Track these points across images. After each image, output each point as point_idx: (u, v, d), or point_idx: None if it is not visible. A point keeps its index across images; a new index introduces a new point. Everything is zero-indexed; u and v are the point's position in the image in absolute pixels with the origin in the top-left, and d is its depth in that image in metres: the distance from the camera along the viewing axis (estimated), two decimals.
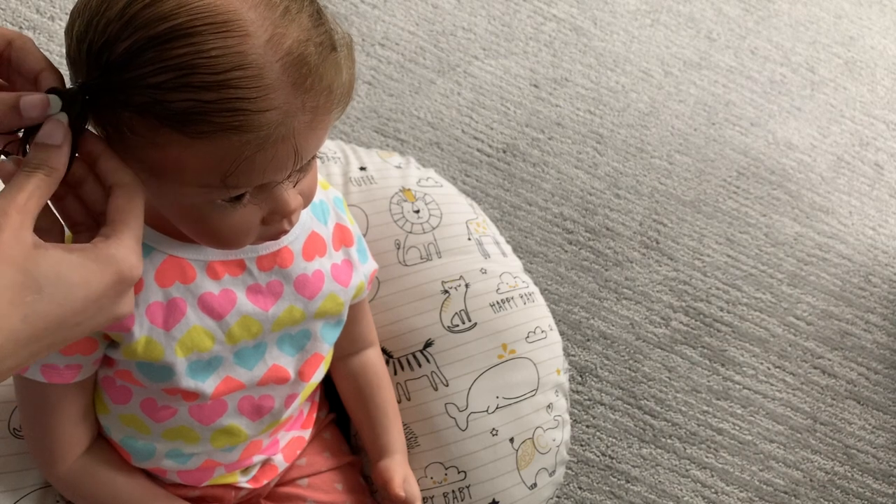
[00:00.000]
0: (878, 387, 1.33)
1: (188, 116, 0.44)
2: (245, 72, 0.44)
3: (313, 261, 0.67)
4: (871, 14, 1.82)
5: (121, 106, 0.45)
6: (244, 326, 0.63)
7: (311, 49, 0.47)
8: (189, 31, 0.43)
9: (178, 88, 0.44)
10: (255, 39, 0.45)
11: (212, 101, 0.44)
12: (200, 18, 0.44)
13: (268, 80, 0.45)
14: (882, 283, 1.45)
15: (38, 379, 0.59)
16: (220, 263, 0.61)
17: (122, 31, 0.44)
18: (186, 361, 0.61)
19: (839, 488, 1.24)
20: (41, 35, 1.26)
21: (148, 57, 0.44)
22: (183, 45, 0.43)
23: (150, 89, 0.44)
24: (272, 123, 0.46)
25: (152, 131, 0.45)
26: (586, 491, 1.14)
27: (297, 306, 0.66)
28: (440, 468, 0.80)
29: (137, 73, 0.44)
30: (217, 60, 0.44)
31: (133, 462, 0.68)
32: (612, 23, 1.61)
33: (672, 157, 1.48)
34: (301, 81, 0.47)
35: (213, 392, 0.63)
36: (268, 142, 0.47)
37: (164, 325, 0.60)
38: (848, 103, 1.66)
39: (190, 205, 0.52)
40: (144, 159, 0.47)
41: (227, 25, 0.44)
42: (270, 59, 0.45)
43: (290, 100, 0.47)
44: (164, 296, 0.60)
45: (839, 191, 1.54)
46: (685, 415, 1.23)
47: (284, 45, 0.46)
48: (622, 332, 1.27)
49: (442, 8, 1.51)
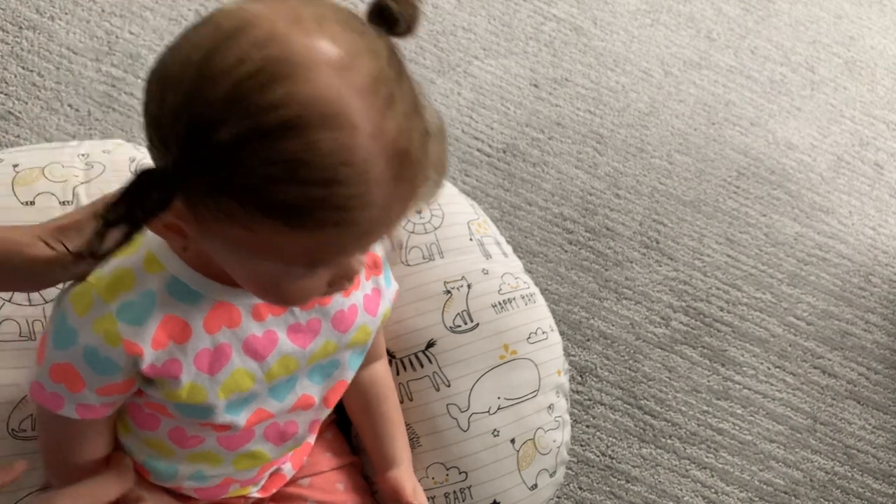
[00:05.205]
0: (878, 387, 1.34)
1: (293, 210, 0.42)
2: (352, 168, 0.42)
3: (350, 296, 0.66)
4: (871, 14, 1.82)
5: (217, 190, 0.42)
6: (283, 365, 0.63)
7: (413, 140, 0.45)
8: (300, 125, 0.41)
9: (286, 182, 0.41)
10: (362, 132, 0.42)
11: (319, 198, 0.42)
12: (311, 109, 0.41)
13: (372, 175, 0.43)
14: (882, 283, 1.45)
15: (72, 417, 0.58)
16: (264, 305, 0.61)
17: (227, 115, 0.41)
18: (226, 402, 0.61)
19: (839, 488, 1.24)
20: (41, 35, 1.26)
21: (256, 148, 0.41)
22: (293, 138, 0.41)
23: (255, 180, 0.41)
24: (373, 219, 0.45)
25: (247, 217, 0.43)
26: (586, 491, 1.14)
27: (331, 340, 0.65)
28: (441, 469, 0.80)
29: (243, 163, 0.41)
30: (327, 156, 0.41)
31: (152, 480, 0.69)
32: (612, 22, 1.61)
33: (672, 157, 1.48)
34: (402, 174, 0.45)
35: (245, 424, 0.63)
36: (365, 233, 0.46)
37: (209, 370, 0.59)
38: (848, 103, 1.66)
39: (262, 272, 0.50)
40: (228, 236, 0.46)
41: (337, 119, 0.41)
42: (375, 153, 0.43)
43: (391, 192, 0.45)
44: (211, 342, 0.59)
45: (839, 191, 1.54)
46: (685, 415, 1.23)
47: (388, 138, 0.43)
48: (622, 332, 1.27)
49: (442, 8, 1.51)
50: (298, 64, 0.41)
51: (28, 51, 1.24)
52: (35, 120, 1.19)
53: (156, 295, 0.56)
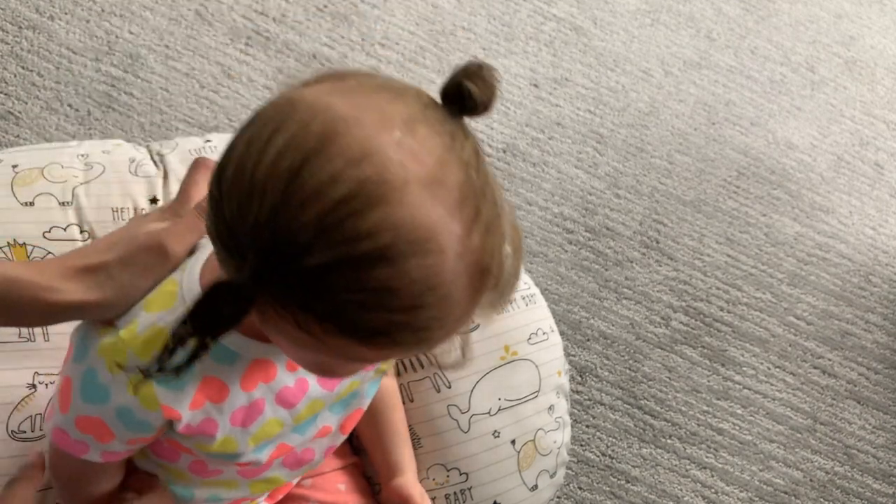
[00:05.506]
0: (878, 387, 1.34)
1: (371, 333, 0.41)
2: (437, 292, 0.41)
3: None
4: (871, 13, 1.82)
5: (294, 304, 0.40)
6: (311, 408, 0.62)
7: (494, 255, 0.43)
8: (391, 254, 0.39)
9: (370, 309, 0.40)
10: (449, 254, 0.41)
11: (401, 322, 0.41)
12: (404, 237, 0.39)
13: (455, 295, 0.42)
14: (882, 282, 1.45)
15: (96, 461, 0.57)
16: None
17: (316, 241, 0.38)
18: (255, 447, 0.60)
19: (839, 488, 1.24)
20: (41, 35, 1.25)
21: (343, 275, 0.39)
22: (383, 267, 0.39)
23: (337, 304, 0.40)
24: (447, 334, 0.44)
25: (321, 331, 0.41)
26: (586, 491, 1.14)
27: (356, 379, 0.65)
28: (442, 470, 0.80)
29: (328, 288, 0.39)
30: (415, 283, 0.40)
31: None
32: (613, 22, 1.61)
33: (672, 157, 1.48)
34: (479, 289, 0.44)
35: (267, 459, 0.63)
36: (434, 343, 0.45)
37: (242, 423, 0.58)
38: (848, 103, 1.66)
39: (318, 360, 0.49)
40: (290, 334, 0.43)
41: (427, 244, 0.40)
42: (459, 273, 0.41)
43: (468, 307, 0.44)
44: (247, 399, 0.58)
45: (839, 190, 1.54)
46: (685, 415, 1.23)
47: (473, 257, 0.42)
48: (622, 332, 1.27)
49: (442, 7, 1.51)
50: (392, 185, 0.39)
51: (28, 50, 1.24)
52: (35, 120, 1.19)
53: None
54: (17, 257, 0.73)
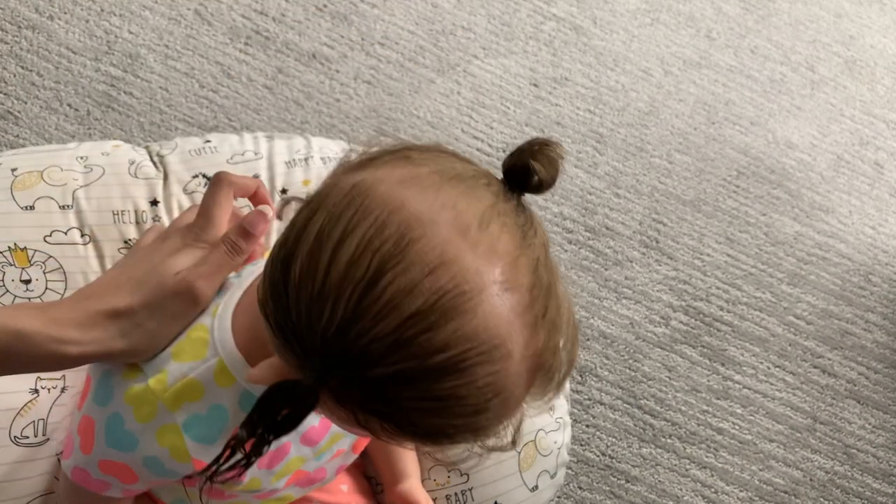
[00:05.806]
0: (878, 386, 1.34)
1: (433, 433, 0.41)
2: (500, 396, 0.40)
3: None
4: (870, 13, 1.82)
5: (358, 405, 0.40)
6: (331, 441, 0.62)
7: (555, 350, 0.43)
8: (462, 366, 0.38)
9: (435, 415, 0.40)
10: (514, 358, 0.40)
11: (462, 425, 0.41)
12: (476, 348, 0.38)
13: (516, 395, 0.42)
14: (882, 282, 1.45)
15: (116, 496, 0.57)
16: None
17: (391, 353, 0.38)
18: (276, 481, 0.60)
19: (839, 488, 1.24)
20: (40, 35, 1.25)
21: (412, 385, 0.39)
22: (453, 377, 0.39)
23: (403, 410, 0.39)
24: (501, 426, 0.44)
25: (382, 429, 0.41)
26: (586, 491, 1.14)
27: None
28: (443, 471, 0.80)
29: (395, 396, 0.39)
30: (481, 390, 0.39)
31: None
32: (612, 22, 1.61)
33: (672, 157, 1.48)
34: (535, 383, 0.44)
35: (283, 486, 0.62)
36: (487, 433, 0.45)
37: (268, 466, 0.58)
38: (848, 102, 1.66)
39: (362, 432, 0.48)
40: (351, 424, 0.42)
41: (497, 351, 0.39)
42: (521, 372, 0.41)
43: (522, 398, 0.44)
44: (275, 444, 0.58)
45: (839, 190, 1.54)
46: (685, 414, 1.23)
47: (535, 358, 0.42)
48: (622, 332, 1.27)
49: (441, 7, 1.50)
50: (468, 296, 0.38)
51: (27, 50, 1.24)
52: (34, 119, 1.19)
53: (227, 410, 0.52)
54: (18, 261, 0.73)
